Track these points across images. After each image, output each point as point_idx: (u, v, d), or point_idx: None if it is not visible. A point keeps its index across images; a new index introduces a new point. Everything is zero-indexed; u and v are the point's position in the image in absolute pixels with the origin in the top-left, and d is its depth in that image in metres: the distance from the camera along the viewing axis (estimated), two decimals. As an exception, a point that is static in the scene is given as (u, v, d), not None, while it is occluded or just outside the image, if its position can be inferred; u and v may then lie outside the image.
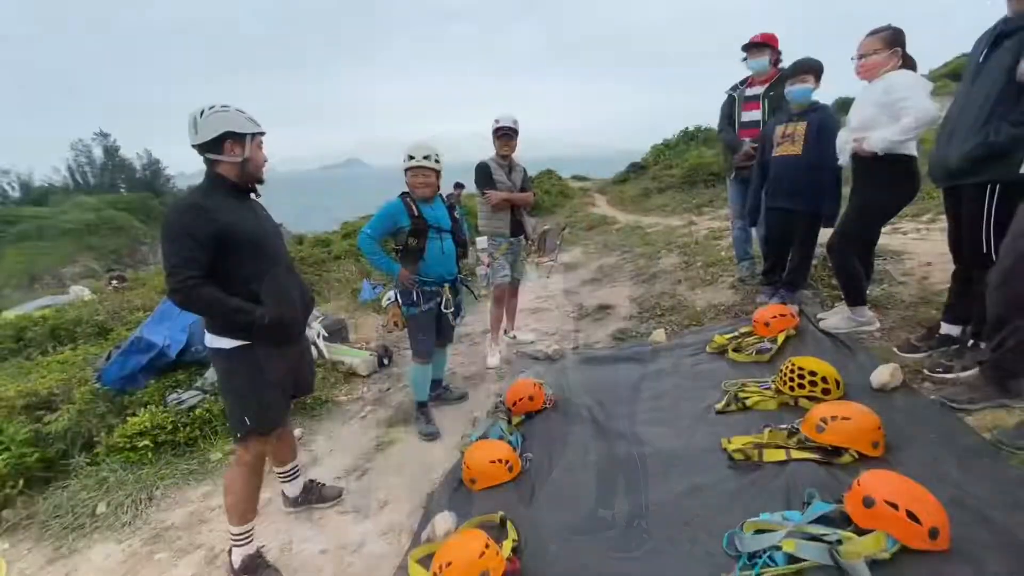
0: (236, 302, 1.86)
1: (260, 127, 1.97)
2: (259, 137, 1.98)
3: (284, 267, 2.09)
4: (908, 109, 2.50)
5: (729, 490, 1.93)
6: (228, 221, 1.86)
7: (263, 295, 1.93)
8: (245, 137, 1.92)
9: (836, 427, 1.97)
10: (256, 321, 1.87)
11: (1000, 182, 2.02)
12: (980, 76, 2.07)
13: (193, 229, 1.79)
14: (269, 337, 1.94)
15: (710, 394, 2.73)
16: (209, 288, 1.81)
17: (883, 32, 2.67)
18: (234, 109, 1.92)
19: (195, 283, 1.78)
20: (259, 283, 1.93)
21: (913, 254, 3.93)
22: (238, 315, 1.86)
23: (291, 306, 2.05)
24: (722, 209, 9.30)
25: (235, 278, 1.89)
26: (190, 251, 1.78)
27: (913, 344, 2.66)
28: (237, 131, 1.90)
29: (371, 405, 3.71)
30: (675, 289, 4.71)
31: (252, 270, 1.93)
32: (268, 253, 2.00)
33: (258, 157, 1.99)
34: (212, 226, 1.81)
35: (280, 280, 2.02)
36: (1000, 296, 1.90)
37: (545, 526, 1.98)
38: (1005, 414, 1.99)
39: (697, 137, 17.75)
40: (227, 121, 1.89)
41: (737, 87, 4.09)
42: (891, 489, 1.54)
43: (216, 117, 1.89)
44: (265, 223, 2.08)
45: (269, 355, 1.98)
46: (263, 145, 2.01)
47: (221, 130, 1.88)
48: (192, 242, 1.78)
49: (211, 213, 1.83)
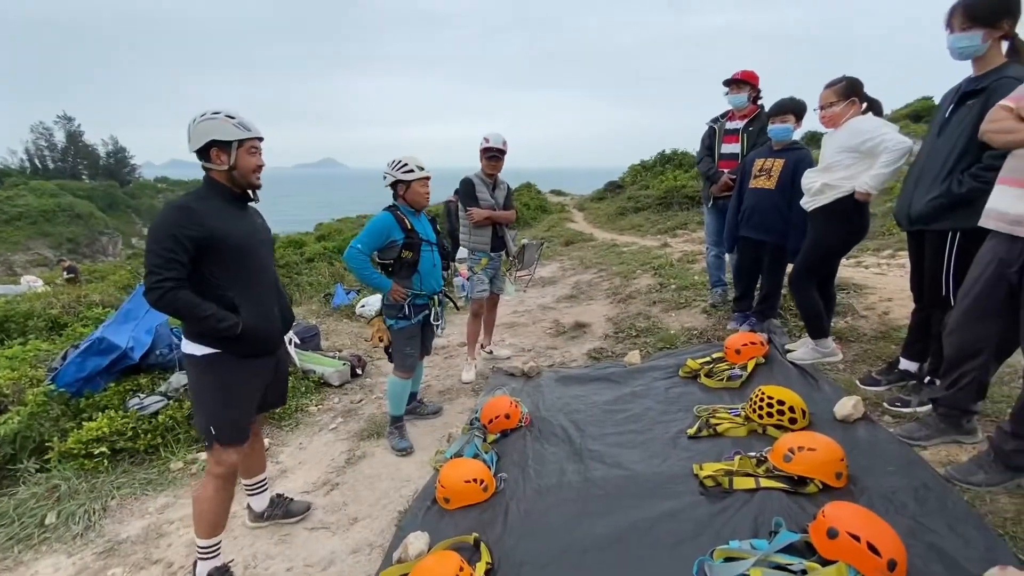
0: (211, 308, 1.84)
1: (250, 132, 1.94)
2: (249, 143, 1.95)
3: (268, 280, 2.08)
4: (885, 144, 2.65)
5: (700, 517, 1.97)
6: (216, 227, 1.85)
7: (240, 305, 1.92)
8: (231, 144, 1.91)
9: (802, 457, 2.04)
10: (229, 330, 1.87)
11: (960, 230, 2.16)
12: (946, 130, 2.22)
13: (178, 231, 1.78)
14: (241, 347, 1.94)
15: (682, 418, 2.80)
16: (184, 292, 1.81)
17: (837, 84, 2.83)
18: (223, 115, 1.91)
19: (172, 285, 1.78)
20: (238, 292, 1.93)
21: (875, 288, 4.12)
22: (210, 321, 1.85)
23: (268, 320, 2.03)
24: (695, 232, 9.57)
25: (215, 284, 1.89)
26: (171, 253, 1.77)
27: (874, 377, 2.79)
28: (221, 139, 1.89)
29: (342, 417, 3.65)
30: (650, 311, 4.81)
31: (233, 278, 1.92)
32: (253, 264, 1.99)
33: (246, 163, 1.95)
34: (198, 230, 1.81)
35: (261, 292, 2.01)
36: (955, 340, 2.02)
37: (519, 549, 1.98)
38: (958, 449, 2.12)
39: (673, 160, 18.19)
40: (212, 129, 1.89)
41: (718, 119, 4.25)
42: (853, 521, 1.61)
43: (204, 125, 1.89)
44: (257, 233, 2.06)
45: (240, 365, 1.97)
46: (257, 150, 1.98)
47: (206, 139, 1.89)
48: (175, 244, 1.77)
49: (200, 217, 1.83)
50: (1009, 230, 1.74)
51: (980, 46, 2.08)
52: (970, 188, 2.05)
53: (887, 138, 2.66)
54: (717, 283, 4.55)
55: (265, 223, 2.18)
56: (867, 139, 2.71)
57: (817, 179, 2.95)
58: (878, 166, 2.68)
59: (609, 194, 18.55)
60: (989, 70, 2.10)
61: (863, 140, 2.73)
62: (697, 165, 4.46)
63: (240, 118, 1.93)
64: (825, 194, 2.90)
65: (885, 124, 2.77)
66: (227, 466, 2.03)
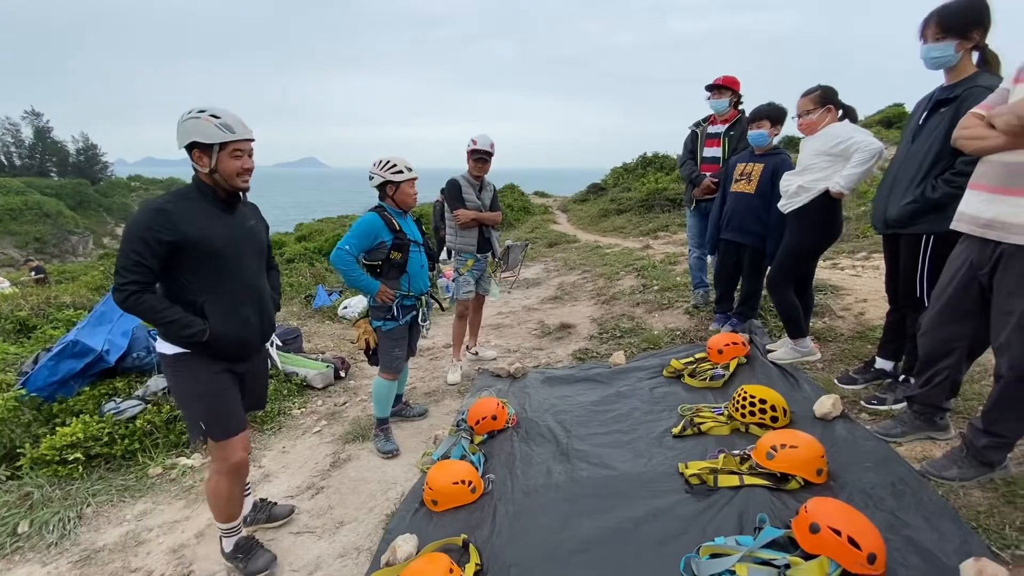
0: (175, 314, 1.82)
1: (233, 134, 1.85)
2: (233, 146, 1.86)
3: (248, 286, 2.01)
4: (857, 145, 2.75)
5: (686, 514, 2.00)
6: (191, 232, 1.80)
7: (211, 311, 1.89)
8: (212, 147, 1.84)
9: (785, 455, 2.09)
10: (194, 336, 1.85)
11: (934, 234, 2.23)
12: (920, 136, 2.30)
13: (148, 234, 1.74)
14: (210, 351, 1.92)
15: (667, 417, 2.84)
16: (149, 296, 1.79)
17: (813, 93, 2.93)
18: (206, 115, 1.83)
19: (138, 288, 1.76)
20: (211, 298, 1.89)
21: (850, 290, 4.24)
22: (174, 327, 1.83)
23: (243, 327, 1.99)
24: (677, 234, 9.70)
25: (186, 288, 1.87)
26: (140, 256, 1.74)
27: (851, 376, 2.87)
28: (201, 141, 1.83)
29: (326, 420, 3.60)
30: (633, 312, 4.86)
31: (206, 284, 1.88)
32: (230, 270, 1.93)
33: (228, 167, 1.87)
34: (171, 235, 1.77)
35: (236, 299, 1.96)
36: (928, 340, 2.09)
37: (508, 550, 1.98)
38: (932, 445, 2.19)
39: (654, 163, 18.42)
40: (193, 129, 1.83)
41: (700, 124, 4.32)
42: (835, 516, 1.65)
43: (186, 124, 1.84)
44: (244, 237, 1.99)
45: (210, 367, 1.95)
46: (243, 153, 1.89)
47: (187, 140, 1.84)
48: (145, 247, 1.74)
49: (175, 221, 1.78)
50: (980, 233, 1.81)
51: (953, 56, 2.16)
52: (943, 193, 2.13)
53: (859, 140, 2.76)
54: (699, 284, 4.62)
55: (259, 225, 2.12)
56: (840, 142, 2.81)
57: (793, 181, 3.04)
58: (850, 166, 2.78)
59: (592, 196, 18.68)
60: (961, 79, 2.18)
61: (836, 143, 2.82)
62: (680, 168, 4.53)
63: (225, 118, 1.85)
64: (800, 196, 2.99)
65: (858, 130, 2.87)
66: (232, 461, 2.02)
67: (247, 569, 2.10)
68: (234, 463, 2.03)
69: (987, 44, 2.16)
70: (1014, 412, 1.83)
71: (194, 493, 2.80)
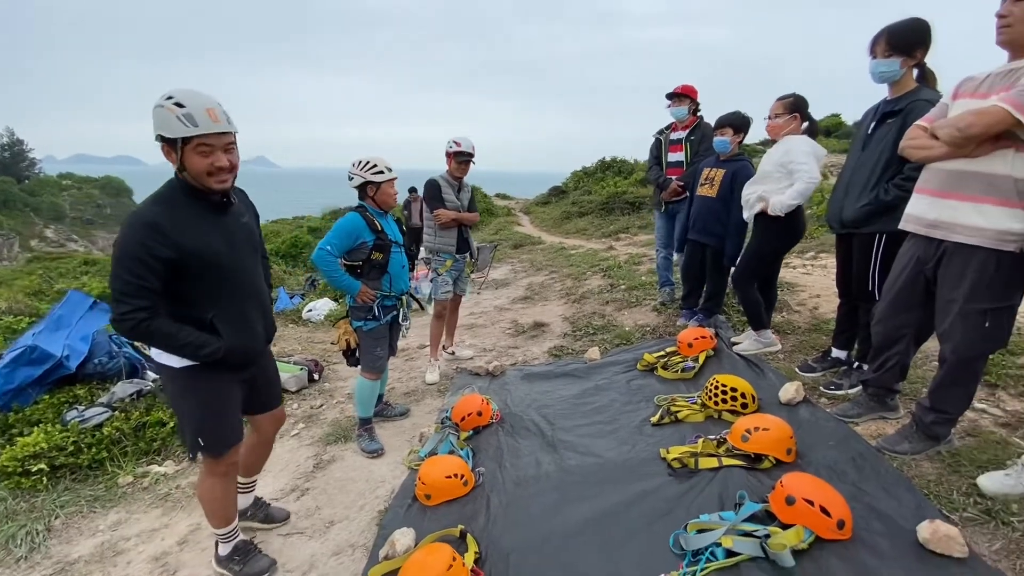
0: (189, 336, 1.70)
1: (196, 127, 1.58)
2: (198, 140, 1.60)
3: (251, 292, 1.92)
4: (800, 175, 3.01)
5: (671, 495, 2.13)
6: (187, 244, 1.65)
7: (221, 325, 1.79)
8: (176, 142, 1.60)
9: (758, 437, 2.26)
10: (211, 356, 1.75)
11: (885, 233, 2.47)
12: (869, 145, 2.53)
13: (143, 253, 1.58)
14: (222, 365, 1.82)
15: (644, 407, 2.98)
16: (160, 321, 1.65)
17: (787, 98, 3.17)
18: (171, 102, 1.58)
19: (145, 316, 1.61)
20: (219, 311, 1.78)
21: (804, 286, 4.55)
22: (189, 349, 1.72)
23: (252, 337, 1.93)
24: (637, 236, 10.03)
25: (192, 303, 1.75)
26: (140, 278, 1.58)
27: (810, 365, 3.11)
28: (165, 135, 1.61)
29: (303, 423, 3.55)
30: (604, 310, 5.03)
31: (212, 296, 1.77)
32: (233, 276, 1.82)
33: (194, 166, 1.64)
34: (167, 250, 1.61)
35: (243, 307, 1.88)
36: (881, 328, 2.32)
37: (505, 538, 2.05)
38: (885, 424, 2.42)
39: (613, 167, 18.92)
40: (157, 123, 1.60)
41: (663, 131, 4.54)
42: (807, 489, 1.82)
43: (154, 113, 1.61)
44: (239, 238, 1.85)
45: (221, 378, 1.87)
46: (210, 149, 1.64)
47: (156, 134, 1.62)
48: (143, 267, 1.58)
49: (169, 236, 1.61)
50: (926, 232, 2.03)
51: (898, 71, 2.41)
52: (895, 196, 2.36)
53: (804, 171, 3.00)
54: (665, 283, 4.84)
55: (251, 220, 1.98)
56: (792, 160, 3.05)
57: (754, 192, 3.25)
58: (788, 195, 3.03)
59: (554, 198, 18.98)
60: (904, 93, 2.43)
61: (791, 159, 3.07)
62: (647, 173, 4.75)
63: (190, 107, 1.58)
64: (756, 208, 3.22)
65: (812, 153, 3.09)
66: (226, 466, 1.97)
67: (243, 572, 2.06)
68: (232, 463, 2.00)
69: (926, 62, 2.42)
70: (957, 391, 2.06)
71: (170, 501, 2.72)
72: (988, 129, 1.76)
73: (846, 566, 1.66)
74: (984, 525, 1.79)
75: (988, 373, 2.64)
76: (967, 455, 2.10)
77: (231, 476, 2.04)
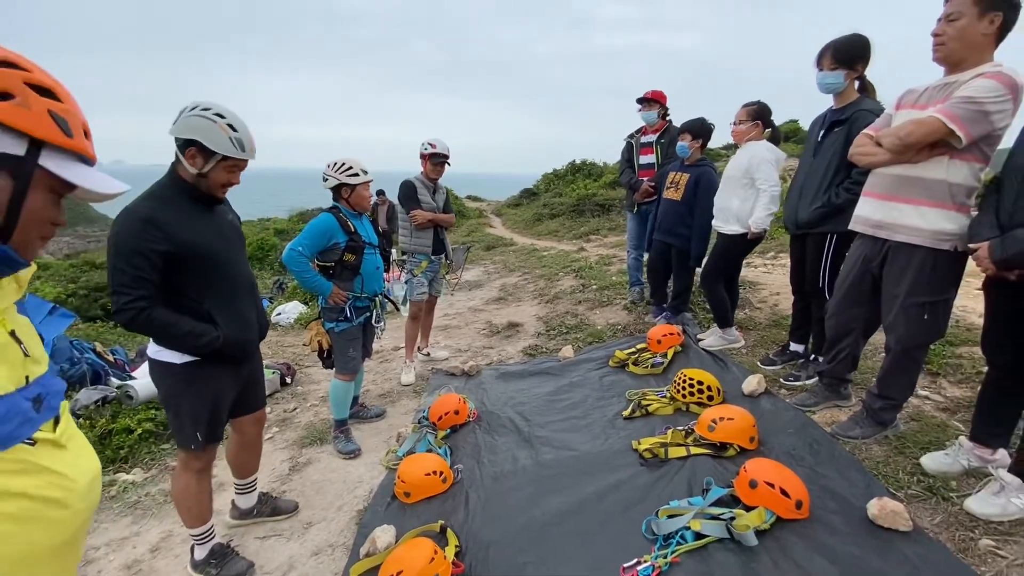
0: (188, 325, 1.78)
1: (243, 154, 1.80)
2: (233, 160, 1.80)
3: (243, 285, 2.00)
4: (761, 183, 3.21)
5: (643, 484, 2.24)
6: (182, 237, 1.74)
7: (217, 316, 1.86)
8: (213, 155, 1.76)
9: (723, 427, 2.38)
10: (209, 346, 1.82)
11: (836, 233, 2.64)
12: (820, 152, 2.71)
13: (142, 246, 1.66)
14: (221, 356, 1.88)
15: (616, 402, 3.09)
16: (160, 311, 1.72)
17: (751, 106, 3.34)
18: (223, 123, 1.74)
19: (145, 306, 1.68)
20: (215, 303, 1.85)
21: (765, 285, 4.77)
22: (189, 339, 1.79)
23: (247, 328, 2.00)
24: (607, 237, 10.23)
25: (189, 296, 1.81)
26: (139, 270, 1.67)
27: (771, 358, 3.28)
28: (206, 145, 1.74)
29: (277, 426, 3.52)
30: (576, 309, 5.14)
31: (208, 288, 1.84)
32: (226, 270, 1.91)
33: (217, 178, 1.82)
34: (164, 243, 1.69)
35: (237, 300, 1.95)
36: (833, 323, 2.48)
37: (484, 531, 2.10)
38: (839, 412, 2.58)
39: (583, 170, 19.21)
40: (200, 129, 1.73)
41: (634, 135, 4.69)
42: (768, 473, 1.95)
43: (195, 121, 1.73)
44: (227, 236, 1.95)
45: (221, 372, 1.93)
46: (237, 169, 1.84)
47: (189, 135, 1.74)
48: (143, 260, 1.66)
49: (165, 230, 1.70)
50: (872, 232, 2.20)
51: (842, 83, 2.59)
52: (845, 199, 2.53)
53: (766, 179, 3.20)
54: (636, 283, 4.98)
55: (236, 220, 2.07)
56: (754, 169, 3.25)
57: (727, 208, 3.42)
58: (759, 210, 3.24)
59: (525, 200, 19.12)
60: (848, 103, 2.62)
61: (754, 167, 3.25)
62: (620, 176, 4.90)
63: (241, 134, 1.78)
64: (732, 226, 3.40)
65: (773, 160, 3.27)
66: (203, 462, 2.02)
67: (221, 575, 2.05)
68: (207, 460, 2.03)
69: (866, 75, 2.61)
70: (901, 379, 2.23)
71: (140, 509, 2.67)
72: (925, 138, 1.93)
73: (804, 543, 1.79)
74: (926, 501, 1.95)
75: (931, 363, 2.86)
76: (911, 438, 2.28)
77: (206, 473, 2.07)
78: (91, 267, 13.59)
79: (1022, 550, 1.68)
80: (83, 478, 0.92)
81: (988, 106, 1.81)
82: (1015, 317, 1.78)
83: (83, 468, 0.94)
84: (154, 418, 3.44)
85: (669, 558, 1.78)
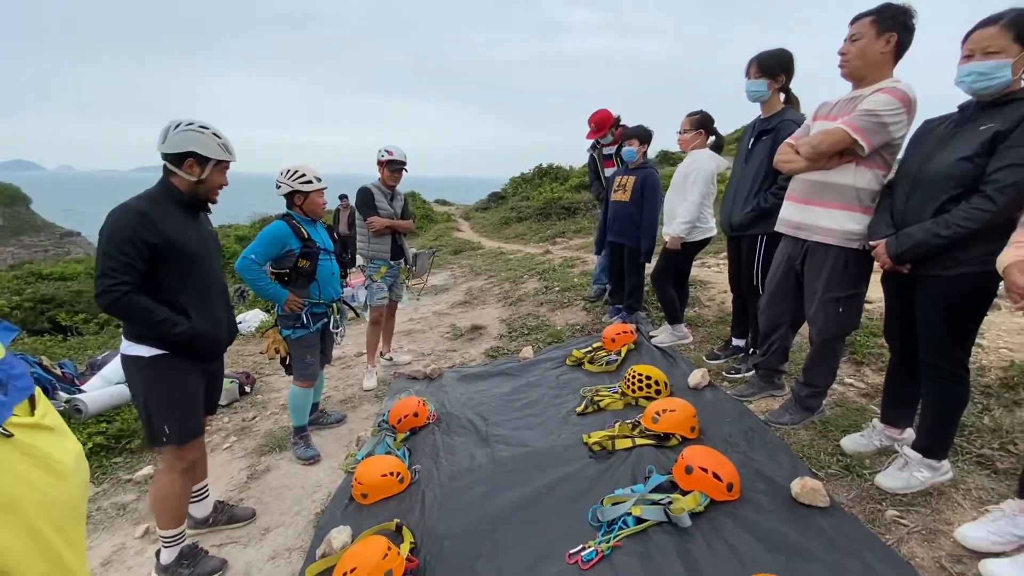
0: (164, 313, 1.90)
1: (230, 156, 2.06)
2: (224, 164, 2.05)
3: (217, 287, 2.15)
4: (690, 194, 3.43)
5: (590, 475, 2.35)
6: (171, 234, 1.90)
7: (191, 310, 1.99)
8: (209, 161, 2.00)
9: (666, 418, 2.53)
10: (181, 335, 1.93)
11: (766, 234, 2.83)
12: (750, 159, 2.91)
13: (135, 236, 1.82)
14: (190, 351, 2.00)
15: (571, 400, 3.21)
16: (140, 296, 1.85)
17: (695, 115, 3.53)
18: (209, 133, 2.00)
19: (128, 289, 1.82)
20: (189, 298, 1.99)
21: (714, 284, 4.99)
22: (164, 326, 1.90)
23: (218, 325, 2.11)
24: (572, 240, 10.43)
25: (167, 289, 1.94)
26: (127, 258, 1.81)
27: (715, 353, 3.47)
28: (202, 153, 1.97)
29: (236, 435, 3.50)
30: (538, 311, 5.26)
31: (185, 284, 1.98)
32: (203, 271, 2.06)
33: (214, 181, 2.06)
34: (154, 236, 1.86)
35: (211, 299, 2.09)
36: (764, 318, 2.66)
37: (439, 528, 2.18)
38: (773, 401, 2.77)
39: (550, 174, 19.47)
40: (193, 141, 1.96)
41: (595, 146, 4.88)
42: (703, 458, 2.09)
43: (186, 136, 1.96)
44: (208, 242, 2.12)
45: (188, 367, 2.02)
46: (225, 172, 2.09)
47: (185, 148, 1.95)
48: (133, 248, 1.82)
49: (156, 223, 1.87)
50: (793, 233, 2.38)
51: (766, 92, 2.79)
52: (772, 203, 2.72)
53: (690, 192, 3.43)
54: (597, 281, 5.17)
55: (214, 232, 2.25)
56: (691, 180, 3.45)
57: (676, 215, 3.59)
58: (678, 220, 3.47)
59: (493, 204, 19.24)
60: (773, 113, 2.82)
61: (691, 176, 3.46)
62: (591, 189, 5.19)
63: (224, 140, 2.04)
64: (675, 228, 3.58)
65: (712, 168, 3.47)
66: (188, 460, 2.09)
67: (195, 574, 2.10)
68: (191, 459, 2.10)
69: (790, 87, 2.82)
70: (823, 368, 2.42)
71: (91, 523, 2.64)
72: (833, 147, 2.12)
73: (734, 522, 1.93)
74: (844, 479, 2.13)
75: (856, 352, 3.09)
76: (834, 422, 2.47)
77: (190, 473, 2.14)
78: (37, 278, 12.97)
79: (921, 518, 1.87)
80: (68, 458, 1.03)
81: (885, 118, 2.00)
82: (908, 307, 1.98)
83: (68, 448, 1.07)
84: (105, 431, 3.38)
85: (612, 543, 1.90)
